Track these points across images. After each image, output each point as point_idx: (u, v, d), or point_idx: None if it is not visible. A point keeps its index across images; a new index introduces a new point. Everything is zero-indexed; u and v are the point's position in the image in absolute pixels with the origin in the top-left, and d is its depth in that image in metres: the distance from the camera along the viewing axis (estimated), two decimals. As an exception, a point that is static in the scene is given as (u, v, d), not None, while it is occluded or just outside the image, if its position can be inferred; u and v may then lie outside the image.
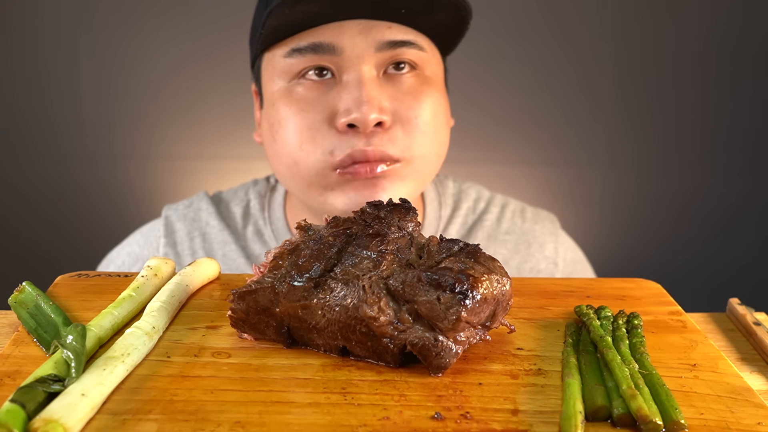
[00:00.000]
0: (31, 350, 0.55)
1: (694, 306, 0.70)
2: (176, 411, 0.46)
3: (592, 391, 0.48)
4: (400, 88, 0.83)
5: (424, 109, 0.84)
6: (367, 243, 0.57)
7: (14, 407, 0.43)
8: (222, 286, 0.69)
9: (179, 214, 1.02)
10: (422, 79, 0.85)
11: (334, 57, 0.81)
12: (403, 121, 0.83)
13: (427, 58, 0.85)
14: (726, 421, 0.47)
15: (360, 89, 0.80)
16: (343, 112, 0.80)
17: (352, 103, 0.79)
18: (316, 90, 0.83)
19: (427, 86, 0.85)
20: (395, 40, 0.82)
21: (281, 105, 0.84)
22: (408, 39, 0.83)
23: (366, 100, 0.79)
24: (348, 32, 0.81)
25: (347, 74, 0.82)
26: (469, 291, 0.51)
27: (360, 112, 0.79)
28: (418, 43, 0.84)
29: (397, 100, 0.83)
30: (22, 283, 0.60)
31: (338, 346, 0.54)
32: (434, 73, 0.87)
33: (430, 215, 1.00)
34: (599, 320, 0.59)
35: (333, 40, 0.81)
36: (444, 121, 0.89)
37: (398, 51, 0.83)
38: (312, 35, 0.82)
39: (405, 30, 0.83)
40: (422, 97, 0.84)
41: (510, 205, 1.05)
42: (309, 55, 0.82)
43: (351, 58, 0.81)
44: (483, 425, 0.45)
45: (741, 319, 0.66)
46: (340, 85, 0.82)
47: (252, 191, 1.03)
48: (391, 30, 0.82)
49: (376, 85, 0.81)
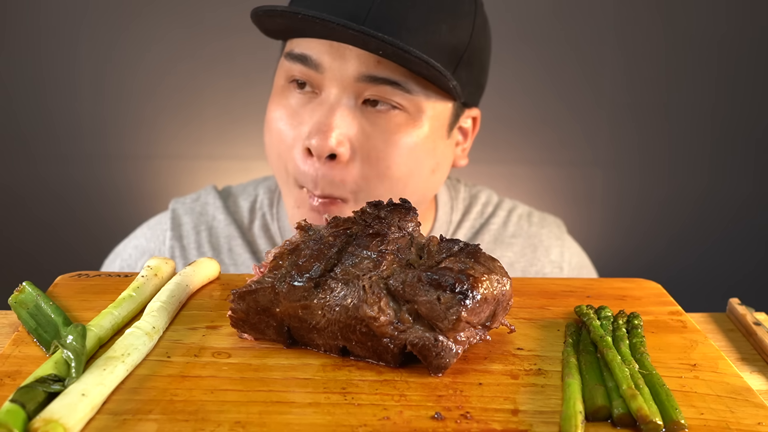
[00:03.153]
0: (31, 350, 0.55)
1: (694, 306, 0.70)
2: (176, 411, 0.46)
3: (592, 391, 0.48)
4: (375, 124, 0.80)
5: (393, 154, 0.80)
6: (367, 243, 0.57)
7: (14, 407, 0.43)
8: (222, 286, 0.69)
9: (186, 207, 1.02)
10: (407, 120, 0.80)
11: (317, 74, 0.80)
12: (368, 160, 0.80)
13: (416, 101, 0.79)
14: (726, 421, 0.47)
15: (328, 114, 0.78)
16: (306, 134, 0.80)
17: (314, 127, 0.79)
18: (299, 100, 0.83)
19: (410, 128, 0.80)
20: (379, 76, 0.77)
21: (273, 104, 0.86)
22: (393, 78, 0.78)
23: (327, 128, 0.78)
24: (336, 53, 0.78)
25: (325, 94, 0.80)
26: (469, 291, 0.51)
27: (318, 138, 0.78)
28: (406, 85, 0.78)
29: (365, 136, 0.80)
30: (22, 283, 0.60)
31: (338, 346, 0.54)
32: (428, 117, 0.81)
33: (442, 218, 1.00)
34: (599, 320, 0.59)
35: (319, 57, 0.79)
36: (425, 166, 0.84)
37: (380, 88, 0.78)
38: (306, 45, 0.80)
39: (394, 69, 0.77)
40: (395, 138, 0.80)
41: (517, 209, 1.05)
42: (297, 65, 0.81)
43: (331, 79, 0.79)
44: (483, 425, 0.45)
45: (741, 319, 0.66)
46: (316, 102, 0.81)
47: (261, 187, 1.03)
48: (379, 65, 0.77)
49: (346, 113, 0.79)
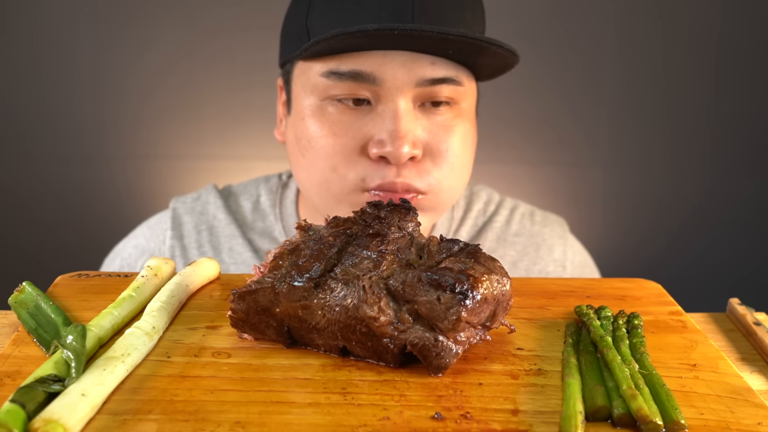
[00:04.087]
0: (31, 350, 0.55)
1: (694, 306, 0.70)
2: (176, 411, 0.46)
3: (592, 391, 0.48)
4: (434, 120, 0.83)
5: (454, 143, 0.84)
6: (367, 243, 0.57)
7: (14, 407, 0.43)
8: (222, 286, 0.69)
9: (187, 207, 1.02)
10: (456, 111, 0.85)
11: (373, 86, 0.80)
12: (433, 153, 0.83)
13: (464, 91, 0.84)
14: (726, 421, 0.47)
15: (395, 122, 0.79)
16: (377, 142, 0.80)
17: (386, 136, 0.79)
18: (350, 114, 0.82)
19: (459, 118, 0.85)
20: (436, 77, 0.80)
21: (312, 123, 0.83)
22: (449, 76, 0.81)
23: (400, 135, 0.79)
24: (390, 63, 0.79)
25: (384, 104, 0.81)
26: (469, 291, 0.51)
27: (393, 146, 0.79)
28: (458, 79, 0.82)
29: (430, 133, 0.83)
30: (22, 283, 0.60)
31: (338, 346, 0.54)
32: (468, 105, 0.86)
33: (443, 215, 1.00)
34: (599, 320, 0.59)
35: (374, 70, 0.79)
36: (471, 151, 0.89)
37: (437, 88, 0.81)
38: (353, 61, 0.80)
39: (447, 66, 0.81)
40: (454, 130, 0.84)
41: (519, 208, 1.06)
42: (347, 82, 0.80)
43: (390, 89, 0.80)
44: (483, 425, 0.45)
45: (741, 319, 0.66)
46: (375, 113, 0.81)
47: (263, 187, 1.03)
48: (434, 66, 0.80)
49: (411, 117, 0.81)
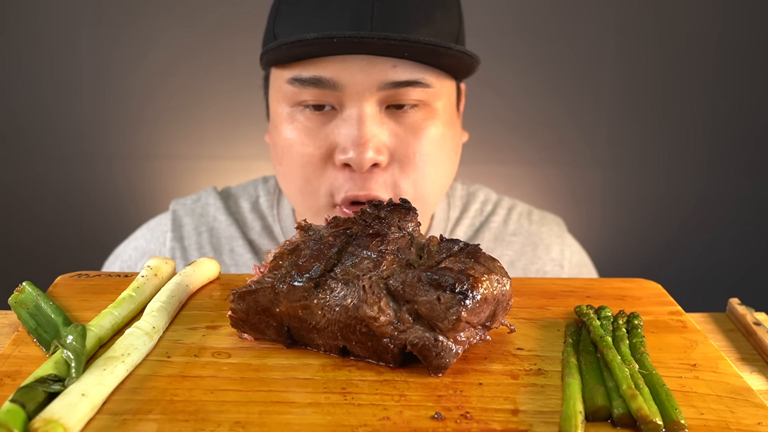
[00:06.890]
0: (31, 350, 0.55)
1: (694, 306, 0.70)
2: (176, 411, 0.46)
3: (592, 391, 0.48)
4: (402, 123, 0.81)
5: (424, 146, 0.82)
6: (367, 243, 0.57)
7: (14, 407, 0.43)
8: (222, 286, 0.69)
9: (187, 208, 1.02)
10: (427, 113, 0.82)
11: (335, 92, 0.80)
12: (401, 160, 0.82)
13: (434, 92, 0.82)
14: (726, 421, 0.47)
15: (359, 127, 0.78)
16: (340, 149, 0.80)
17: (349, 142, 0.79)
18: (316, 120, 0.82)
19: (431, 120, 0.83)
20: (398, 80, 0.79)
21: (284, 129, 0.84)
22: (413, 79, 0.80)
23: (363, 141, 0.78)
24: (350, 68, 0.78)
25: (348, 110, 0.80)
26: (469, 291, 0.51)
27: (356, 152, 0.78)
28: (425, 80, 0.80)
29: (398, 137, 0.81)
30: (22, 283, 0.60)
31: (338, 346, 0.54)
32: (444, 105, 0.84)
33: (439, 216, 1.00)
34: (599, 320, 0.59)
35: (334, 76, 0.79)
36: (449, 152, 0.87)
37: (401, 91, 0.80)
38: (315, 67, 0.79)
39: (411, 68, 0.79)
40: (424, 133, 0.82)
41: (517, 208, 1.05)
42: (310, 88, 0.80)
43: (352, 94, 0.79)
44: (483, 425, 0.45)
45: (741, 319, 0.66)
46: (340, 119, 0.81)
47: (262, 188, 1.03)
48: (395, 69, 0.79)
49: (375, 122, 0.79)
